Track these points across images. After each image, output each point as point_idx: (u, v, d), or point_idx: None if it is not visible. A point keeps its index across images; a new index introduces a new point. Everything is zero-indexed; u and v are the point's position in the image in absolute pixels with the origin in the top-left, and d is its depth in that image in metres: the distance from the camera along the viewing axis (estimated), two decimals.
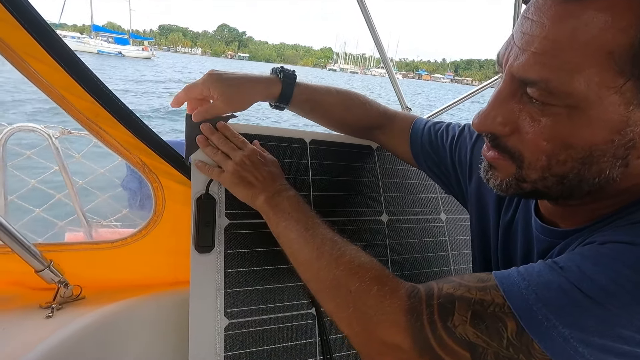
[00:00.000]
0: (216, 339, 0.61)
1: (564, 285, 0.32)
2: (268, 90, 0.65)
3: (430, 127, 0.70)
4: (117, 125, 0.58)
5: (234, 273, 0.64)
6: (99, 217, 1.13)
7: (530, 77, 0.35)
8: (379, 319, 0.38)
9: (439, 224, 0.84)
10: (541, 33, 0.34)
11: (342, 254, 0.46)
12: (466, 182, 0.65)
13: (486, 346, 0.33)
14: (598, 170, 0.36)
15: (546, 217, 0.48)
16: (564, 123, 0.34)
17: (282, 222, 0.54)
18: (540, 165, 0.37)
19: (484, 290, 0.35)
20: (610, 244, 0.33)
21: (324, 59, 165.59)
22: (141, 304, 0.69)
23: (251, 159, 0.61)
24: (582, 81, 0.32)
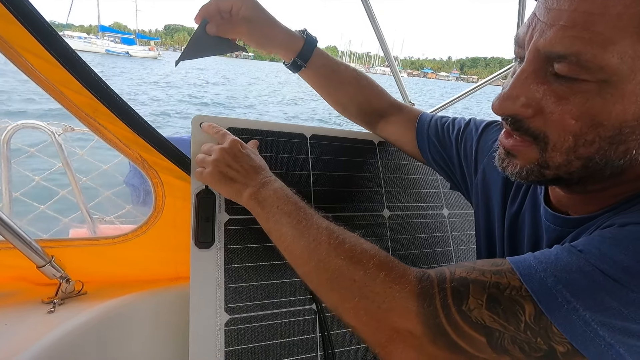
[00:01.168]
0: (217, 335, 0.61)
1: (584, 267, 0.31)
2: (291, 39, 0.64)
3: (437, 120, 0.69)
4: (116, 121, 0.58)
5: (234, 268, 0.64)
6: (103, 214, 1.14)
7: (560, 50, 0.33)
8: (388, 306, 0.37)
9: (441, 219, 0.83)
10: (570, 6, 0.33)
11: (341, 242, 0.44)
12: (471, 175, 0.64)
13: (503, 330, 0.32)
14: (624, 151, 0.35)
15: (556, 207, 0.46)
16: (595, 99, 0.33)
17: (271, 216, 0.51)
18: (566, 147, 0.36)
19: (499, 274, 0.34)
20: (631, 226, 0.32)
21: None
22: (142, 300, 0.69)
23: (230, 152, 0.58)
24: (615, 54, 0.31)
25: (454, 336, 0.34)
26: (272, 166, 0.69)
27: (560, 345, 0.31)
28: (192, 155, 0.63)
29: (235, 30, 0.61)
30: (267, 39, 0.62)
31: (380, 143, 0.80)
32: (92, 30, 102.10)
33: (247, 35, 0.61)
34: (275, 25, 0.62)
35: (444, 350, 0.35)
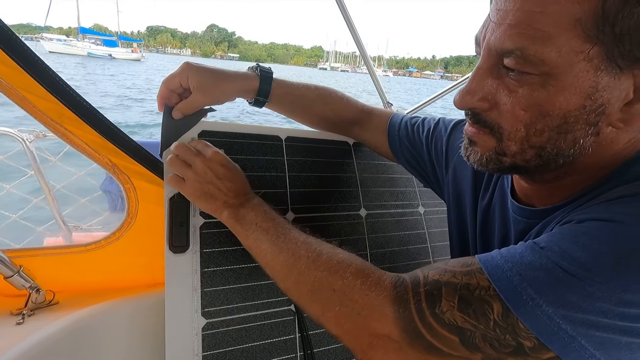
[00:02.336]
0: (194, 339, 0.61)
1: (546, 265, 0.33)
2: (246, 82, 0.65)
3: (407, 121, 0.71)
4: (83, 125, 0.57)
5: (210, 272, 0.64)
6: (79, 221, 1.11)
7: (507, 47, 0.36)
8: (366, 313, 0.38)
9: (417, 216, 0.84)
10: (514, 6, 0.35)
11: (319, 255, 0.45)
12: (443, 173, 0.66)
13: (474, 329, 0.34)
14: (573, 139, 0.37)
15: (522, 199, 0.48)
16: (540, 91, 0.36)
17: (251, 234, 0.53)
18: (519, 136, 0.39)
19: (469, 275, 0.36)
20: (588, 222, 0.34)
21: (315, 57, 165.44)
22: (116, 307, 0.68)
23: (212, 167, 0.57)
24: (554, 49, 0.33)
25: (430, 338, 0.35)
26: (248, 168, 0.69)
27: (527, 340, 0.32)
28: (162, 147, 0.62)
29: (194, 104, 0.62)
30: (224, 94, 0.63)
31: (355, 144, 0.81)
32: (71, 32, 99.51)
33: (205, 98, 0.62)
34: (226, 78, 0.63)
35: (421, 352, 0.36)
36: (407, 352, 0.37)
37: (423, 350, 0.36)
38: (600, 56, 0.33)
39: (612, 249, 0.31)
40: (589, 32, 0.32)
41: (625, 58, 0.33)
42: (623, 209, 0.34)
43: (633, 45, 0.32)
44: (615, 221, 0.32)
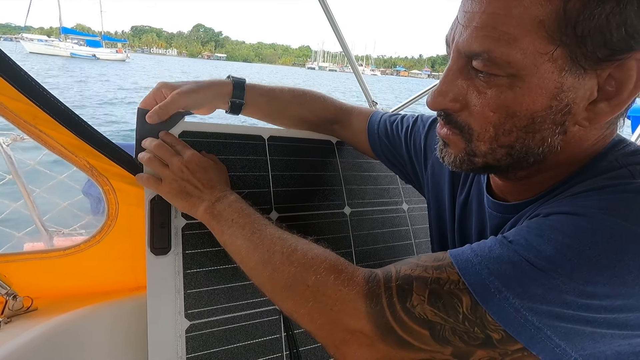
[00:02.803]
0: (177, 342, 0.60)
1: (513, 258, 0.33)
2: (220, 87, 0.65)
3: (386, 119, 0.71)
4: (58, 127, 0.56)
5: (193, 273, 0.63)
6: (61, 226, 1.09)
7: (474, 49, 0.37)
8: (339, 308, 0.38)
9: (401, 213, 0.85)
10: (480, 9, 0.36)
11: (293, 250, 0.45)
12: (422, 170, 0.67)
13: (444, 323, 0.34)
14: (541, 139, 0.38)
15: (497, 194, 0.49)
16: (507, 92, 0.36)
17: (226, 229, 0.52)
18: (488, 137, 0.39)
19: (440, 269, 0.36)
20: (553, 216, 0.35)
21: (303, 57, 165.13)
22: (97, 312, 0.67)
23: (189, 166, 0.58)
24: (519, 50, 0.34)
25: (401, 332, 0.36)
26: (230, 168, 0.69)
27: (495, 332, 0.33)
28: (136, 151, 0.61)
29: (171, 105, 0.61)
30: (200, 97, 0.63)
31: (338, 142, 0.81)
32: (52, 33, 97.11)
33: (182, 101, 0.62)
34: (200, 83, 0.64)
35: (393, 346, 0.37)
36: (379, 347, 0.37)
37: (395, 345, 0.36)
38: (564, 57, 0.34)
39: (575, 242, 0.32)
40: (552, 33, 0.33)
41: (588, 59, 0.34)
42: (586, 202, 0.35)
43: (595, 46, 0.33)
44: (578, 214, 0.33)
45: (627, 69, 0.34)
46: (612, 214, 0.32)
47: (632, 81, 0.34)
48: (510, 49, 0.34)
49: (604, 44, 0.33)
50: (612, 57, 0.33)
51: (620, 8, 0.31)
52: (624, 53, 0.33)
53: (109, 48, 50.97)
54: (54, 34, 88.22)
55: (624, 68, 0.34)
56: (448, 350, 0.35)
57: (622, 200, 0.33)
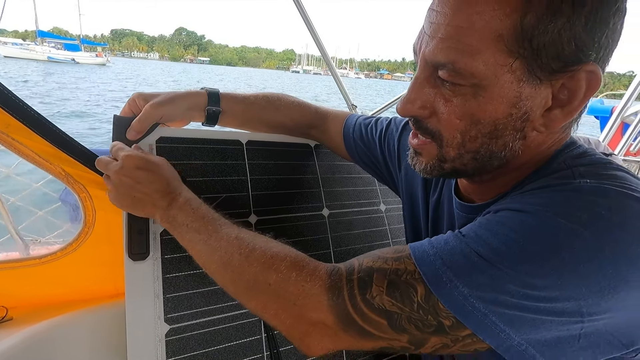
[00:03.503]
0: (157, 346, 0.60)
1: (464, 250, 0.36)
2: (195, 97, 0.66)
3: (361, 123, 0.74)
4: (31, 135, 0.56)
5: (172, 278, 0.64)
6: (38, 235, 1.06)
7: (439, 60, 0.39)
8: (302, 302, 0.40)
9: (379, 214, 0.87)
10: (445, 21, 0.38)
11: (252, 250, 0.45)
12: (396, 171, 0.69)
13: (400, 312, 0.36)
14: (503, 144, 0.41)
15: (464, 195, 0.52)
16: (471, 101, 0.39)
17: (184, 235, 0.51)
18: (456, 143, 0.42)
19: (399, 260, 0.38)
20: (502, 212, 0.38)
21: (287, 61, 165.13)
22: (75, 320, 0.67)
23: (128, 174, 0.53)
24: (481, 62, 0.37)
25: (361, 322, 0.38)
26: (208, 173, 0.70)
27: (446, 319, 0.35)
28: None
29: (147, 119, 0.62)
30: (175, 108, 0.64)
31: (316, 146, 0.83)
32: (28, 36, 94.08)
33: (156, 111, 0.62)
34: (175, 94, 0.65)
35: (354, 336, 0.38)
36: (342, 338, 0.39)
37: (356, 335, 0.38)
38: (522, 69, 0.37)
39: (519, 236, 0.34)
40: (510, 46, 0.36)
41: (543, 70, 0.36)
42: (532, 199, 0.37)
43: (549, 59, 0.36)
44: (524, 211, 0.36)
45: (578, 79, 0.37)
46: (553, 211, 0.34)
47: (582, 91, 0.37)
48: (472, 60, 0.37)
49: (557, 57, 0.36)
50: (564, 68, 0.36)
51: (570, 24, 0.34)
52: (575, 65, 0.36)
53: (89, 52, 49.71)
54: (29, 37, 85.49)
55: (575, 79, 0.37)
56: (404, 337, 0.37)
57: (562, 199, 0.36)
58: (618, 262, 0.32)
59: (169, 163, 0.59)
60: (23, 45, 45.06)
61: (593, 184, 0.37)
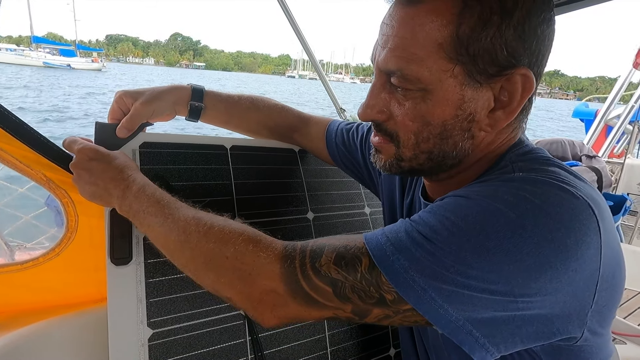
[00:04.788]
0: (140, 351, 0.60)
1: (408, 229, 0.38)
2: (180, 92, 0.67)
3: (342, 128, 0.75)
4: (12, 140, 0.56)
5: (155, 282, 0.64)
6: (23, 240, 1.06)
7: (390, 68, 0.42)
8: (257, 272, 0.41)
9: (364, 217, 0.88)
10: (393, 33, 0.41)
11: (210, 227, 0.46)
12: (376, 175, 0.71)
13: (344, 280, 0.38)
14: (453, 143, 0.43)
15: (430, 195, 0.55)
16: (421, 104, 0.42)
17: (142, 221, 0.51)
18: (411, 143, 0.45)
19: (350, 239, 0.41)
20: (447, 198, 0.41)
21: (282, 66, 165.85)
22: (58, 325, 0.66)
23: (82, 166, 0.55)
24: (425, 69, 0.40)
25: (308, 289, 0.39)
26: (192, 178, 0.70)
27: (388, 293, 0.37)
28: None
29: (136, 116, 0.62)
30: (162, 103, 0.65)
31: (301, 151, 0.84)
32: (22, 41, 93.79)
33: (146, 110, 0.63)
34: (160, 90, 0.66)
35: (302, 304, 0.40)
36: (291, 306, 0.40)
37: (303, 303, 0.40)
38: (462, 74, 0.40)
39: (454, 215, 0.37)
40: (450, 54, 0.39)
41: (481, 74, 0.40)
42: (473, 188, 0.40)
43: (485, 64, 0.39)
44: (463, 196, 0.39)
45: (514, 82, 0.40)
46: (484, 195, 0.38)
47: (519, 92, 0.41)
48: (418, 67, 0.40)
49: (492, 62, 0.39)
50: (500, 72, 0.40)
51: (501, 33, 0.38)
52: (509, 69, 0.40)
53: (84, 57, 49.65)
54: (23, 42, 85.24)
55: (511, 81, 0.40)
56: (348, 307, 0.39)
57: (495, 186, 0.39)
58: (541, 243, 0.34)
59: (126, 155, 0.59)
60: (17, 51, 44.91)
61: (524, 175, 0.40)
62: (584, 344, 0.39)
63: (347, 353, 0.77)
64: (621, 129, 1.78)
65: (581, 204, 0.36)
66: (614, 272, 0.39)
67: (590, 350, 0.40)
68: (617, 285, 0.40)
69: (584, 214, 0.36)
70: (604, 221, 0.37)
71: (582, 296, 0.36)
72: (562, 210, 0.35)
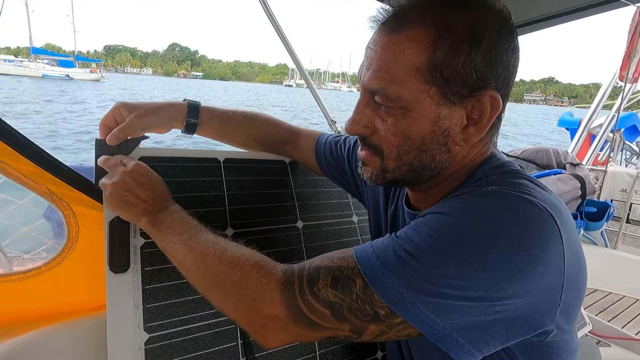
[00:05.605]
0: (137, 354, 0.63)
1: (395, 248, 0.42)
2: (176, 107, 0.71)
3: (331, 140, 0.80)
4: (18, 157, 0.60)
5: (152, 289, 0.67)
6: (22, 251, 1.09)
7: (374, 87, 0.47)
8: (259, 298, 0.45)
9: (351, 225, 0.92)
10: (376, 56, 0.46)
11: (223, 251, 0.51)
12: (362, 185, 0.75)
13: (342, 302, 0.41)
14: (431, 156, 0.48)
15: (413, 205, 0.59)
16: (402, 121, 0.46)
17: (165, 236, 0.57)
18: (393, 156, 0.49)
19: (343, 259, 0.44)
20: (428, 215, 0.45)
21: (280, 75, 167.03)
22: (58, 332, 0.69)
23: (133, 176, 0.60)
24: (405, 89, 0.45)
25: (308, 313, 0.42)
26: (187, 189, 0.74)
27: (381, 309, 0.40)
28: (96, 179, 0.65)
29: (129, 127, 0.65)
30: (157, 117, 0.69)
31: (291, 162, 0.89)
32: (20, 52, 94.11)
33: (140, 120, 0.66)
34: (157, 105, 0.70)
35: (303, 327, 0.43)
36: (292, 329, 0.44)
37: (304, 326, 0.43)
38: (438, 94, 0.44)
39: (435, 232, 0.41)
40: (426, 77, 0.44)
41: (455, 95, 0.44)
42: (451, 203, 0.44)
43: (458, 86, 0.44)
44: (441, 212, 0.43)
45: (484, 102, 0.46)
46: (462, 211, 0.42)
47: (488, 111, 0.46)
48: (399, 87, 0.45)
49: (463, 85, 0.44)
50: (471, 94, 0.45)
51: (470, 60, 0.43)
52: (479, 91, 0.45)
53: (83, 68, 49.87)
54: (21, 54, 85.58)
55: (481, 102, 0.46)
56: (346, 327, 0.42)
57: (471, 202, 0.44)
58: (512, 254, 0.39)
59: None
60: (16, 62, 45.02)
61: (496, 189, 0.44)
62: (552, 340, 0.44)
63: (335, 356, 0.80)
64: (604, 138, 1.84)
65: (545, 215, 0.41)
66: (577, 273, 0.44)
67: (558, 346, 0.46)
68: (580, 284, 0.45)
69: (547, 225, 0.41)
70: (565, 228, 0.42)
71: (551, 296, 0.41)
72: (530, 223, 0.40)
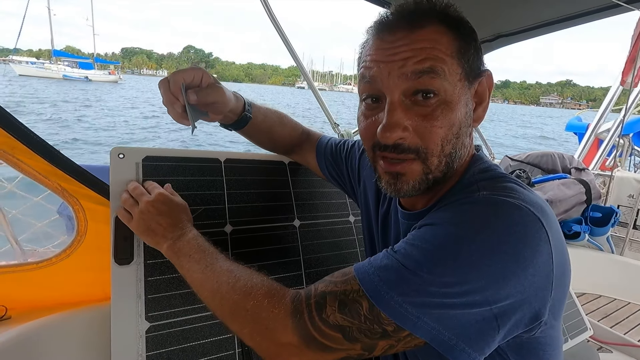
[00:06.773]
0: (138, 341, 0.67)
1: (395, 265, 0.43)
2: (237, 98, 0.73)
3: (331, 143, 0.84)
4: (33, 155, 0.65)
5: (154, 281, 0.71)
6: (36, 246, 1.15)
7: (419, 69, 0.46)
8: (272, 327, 0.46)
9: (348, 225, 0.94)
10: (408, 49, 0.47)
11: (237, 280, 0.53)
12: (357, 185, 0.78)
13: (351, 325, 0.43)
14: (462, 142, 0.51)
15: (405, 205, 0.60)
16: (444, 108, 0.48)
17: (185, 264, 0.60)
18: (437, 150, 0.49)
19: (346, 282, 0.45)
20: (422, 227, 0.46)
21: (292, 77, 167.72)
22: (66, 319, 0.74)
23: (155, 205, 0.65)
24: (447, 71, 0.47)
25: (320, 339, 0.44)
26: (189, 188, 0.78)
27: (388, 326, 0.42)
28: (112, 185, 0.69)
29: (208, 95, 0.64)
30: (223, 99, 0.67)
31: (290, 163, 0.92)
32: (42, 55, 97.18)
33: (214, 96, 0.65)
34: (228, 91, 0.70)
35: (316, 352, 0.45)
36: (306, 354, 0.45)
37: (318, 351, 0.45)
38: (465, 77, 0.49)
39: (431, 245, 0.43)
40: (458, 60, 0.48)
41: (470, 77, 0.49)
42: (442, 213, 0.46)
43: (472, 69, 0.49)
44: (435, 224, 0.45)
45: (483, 83, 0.51)
46: (454, 222, 0.44)
47: (487, 91, 0.52)
48: (443, 64, 0.47)
49: (476, 67, 0.50)
50: (479, 76, 0.51)
51: (475, 47, 0.49)
52: (483, 72, 0.51)
53: (101, 70, 51.26)
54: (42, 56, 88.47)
55: (482, 83, 0.51)
56: (358, 346, 0.44)
57: (462, 211, 0.45)
58: (505, 259, 0.40)
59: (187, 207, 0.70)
60: (37, 64, 46.54)
61: (487, 196, 0.46)
62: (540, 336, 0.46)
63: None
64: (611, 142, 1.81)
65: (533, 219, 0.43)
66: (563, 271, 0.46)
67: (545, 342, 0.47)
68: (565, 282, 0.47)
69: (535, 228, 0.42)
70: (551, 229, 0.44)
71: (542, 293, 0.43)
72: (520, 227, 0.42)
